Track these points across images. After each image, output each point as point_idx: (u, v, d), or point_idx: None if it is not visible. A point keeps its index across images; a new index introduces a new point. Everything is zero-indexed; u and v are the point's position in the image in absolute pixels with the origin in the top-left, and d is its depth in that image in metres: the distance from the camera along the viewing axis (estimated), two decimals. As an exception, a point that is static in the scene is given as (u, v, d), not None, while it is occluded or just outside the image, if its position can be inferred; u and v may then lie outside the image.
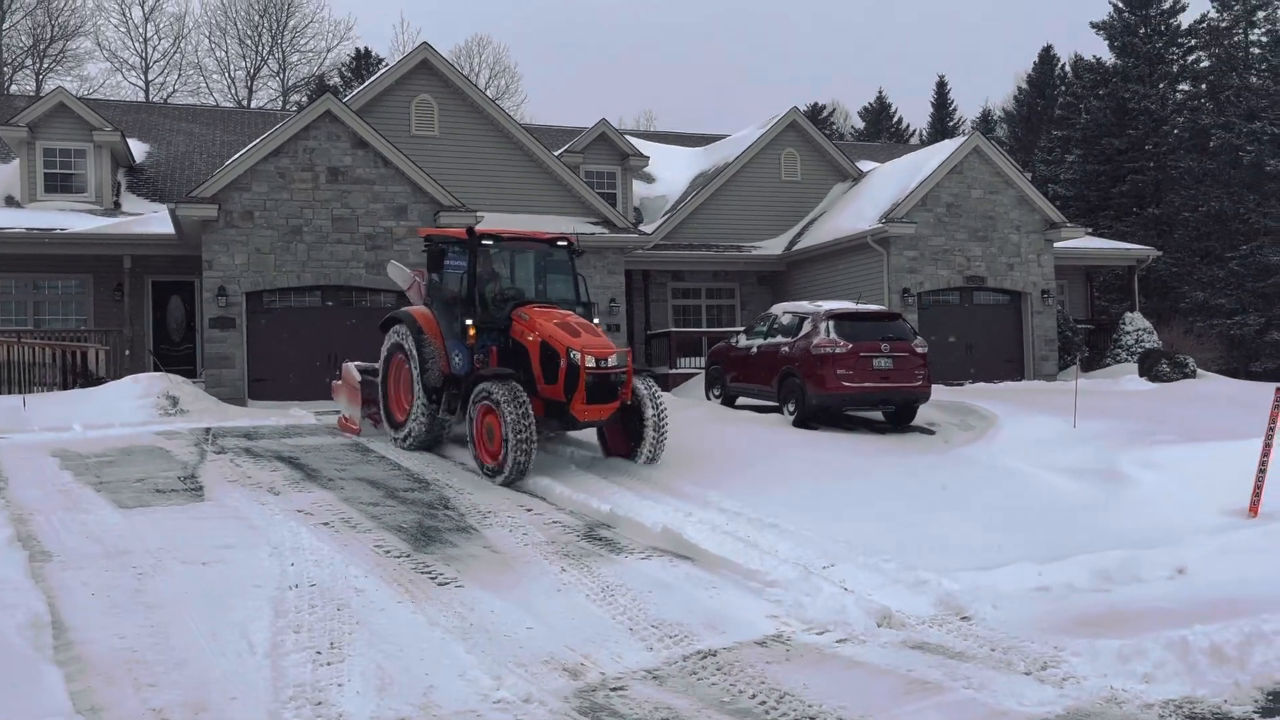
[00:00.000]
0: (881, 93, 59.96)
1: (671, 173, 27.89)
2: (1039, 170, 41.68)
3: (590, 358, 10.35)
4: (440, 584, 6.88)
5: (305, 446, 12.26)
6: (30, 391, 16.22)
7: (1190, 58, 41.65)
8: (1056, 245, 23.88)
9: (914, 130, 59.31)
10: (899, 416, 14.86)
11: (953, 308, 23.04)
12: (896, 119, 59.57)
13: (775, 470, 10.69)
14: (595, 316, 11.85)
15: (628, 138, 27.00)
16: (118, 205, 21.87)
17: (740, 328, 21.28)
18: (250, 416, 15.28)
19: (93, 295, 21.04)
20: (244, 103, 47.34)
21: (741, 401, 16.76)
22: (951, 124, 57.15)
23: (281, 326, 18.68)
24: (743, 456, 11.42)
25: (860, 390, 14.20)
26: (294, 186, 18.50)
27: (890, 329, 14.80)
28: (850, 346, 14.18)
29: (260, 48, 49.03)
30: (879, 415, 15.20)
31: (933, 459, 11.81)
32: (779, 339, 15.44)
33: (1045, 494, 9.68)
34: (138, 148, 24.34)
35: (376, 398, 12.99)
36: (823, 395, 14.21)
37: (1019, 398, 16.34)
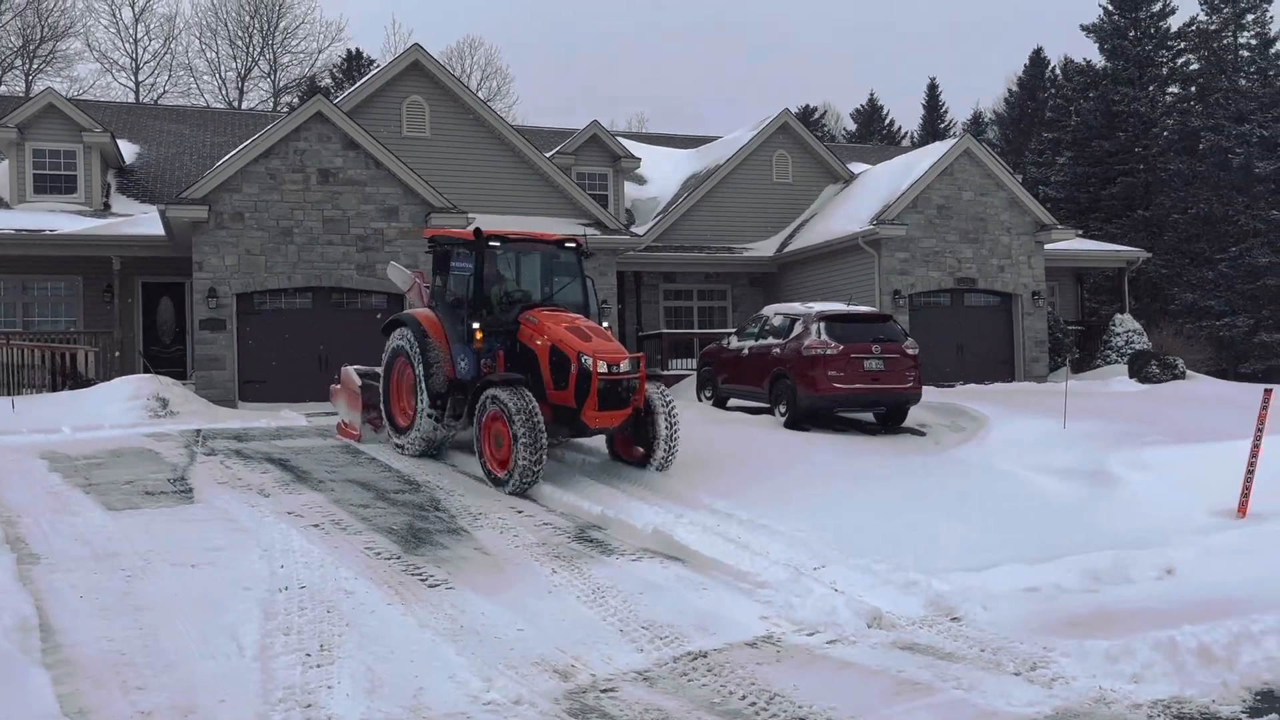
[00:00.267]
0: (873, 95, 60.12)
1: (663, 174, 27.93)
2: (1030, 172, 41.80)
3: (602, 363, 10.05)
4: (431, 586, 6.87)
5: (296, 448, 12.23)
6: (19, 393, 16.16)
7: (1180, 60, 41.83)
8: (1047, 247, 23.97)
9: (905, 132, 59.46)
10: (890, 418, 14.88)
11: (944, 309, 23.10)
12: (888, 121, 59.70)
13: (766, 472, 10.70)
14: (606, 320, 11.50)
15: (619, 139, 27.04)
16: (107, 206, 21.80)
17: (732, 329, 21.29)
18: (241, 418, 15.24)
19: (82, 297, 20.96)
20: (235, 104, 47.25)
21: (733, 403, 16.77)
22: (943, 126, 57.30)
23: (272, 328, 18.63)
24: (733, 458, 11.42)
25: (851, 392, 14.22)
26: (285, 188, 18.46)
27: (881, 330, 14.82)
28: (841, 348, 14.20)
29: (251, 49, 48.99)
30: (870, 417, 15.22)
31: (923, 460, 11.84)
32: (770, 340, 15.45)
33: (1035, 495, 9.71)
34: (128, 149, 24.26)
35: (377, 402, 12.60)
36: (814, 397, 14.23)
37: (1009, 399, 16.38)
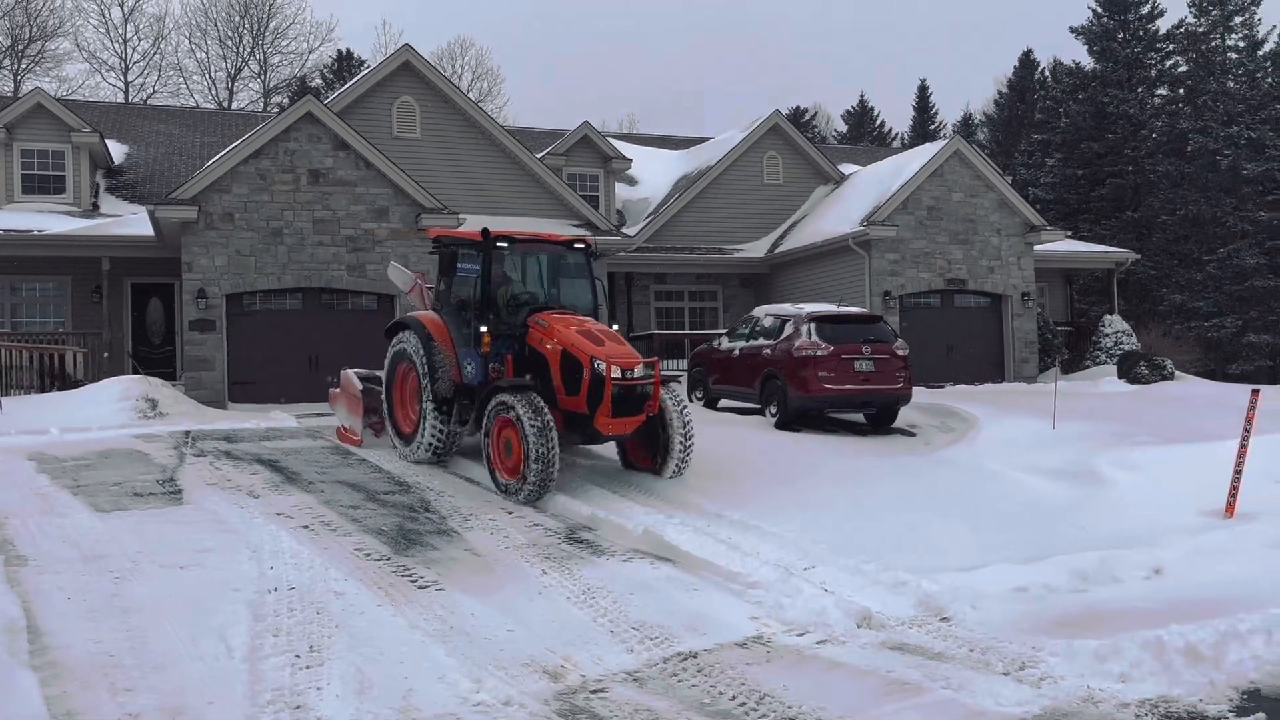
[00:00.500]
0: (863, 96, 60.31)
1: (654, 175, 27.93)
2: (1019, 174, 41.93)
3: (616, 368, 9.71)
4: (420, 587, 6.86)
5: (285, 450, 12.19)
6: (7, 394, 16.07)
7: (1168, 63, 42.01)
8: (1036, 248, 24.05)
9: (896, 134, 59.61)
10: (880, 419, 14.91)
11: (934, 310, 23.15)
12: (878, 122, 59.85)
13: (756, 472, 10.71)
14: (616, 323, 11.19)
15: (610, 140, 27.03)
16: (96, 207, 21.71)
17: (723, 330, 21.32)
18: (230, 419, 15.19)
19: (71, 297, 20.88)
20: (224, 104, 47.10)
21: (724, 404, 16.78)
22: (933, 127, 57.44)
23: (262, 329, 18.57)
24: (724, 459, 11.41)
25: (841, 392, 14.25)
26: (275, 188, 18.41)
27: (871, 331, 14.86)
28: (831, 349, 14.23)
29: (241, 49, 48.82)
30: (860, 417, 15.26)
31: (913, 461, 11.87)
32: (761, 341, 15.47)
33: (1025, 495, 9.74)
34: (117, 149, 24.17)
35: (378, 406, 12.26)
36: (804, 397, 14.25)
37: (999, 400, 16.44)
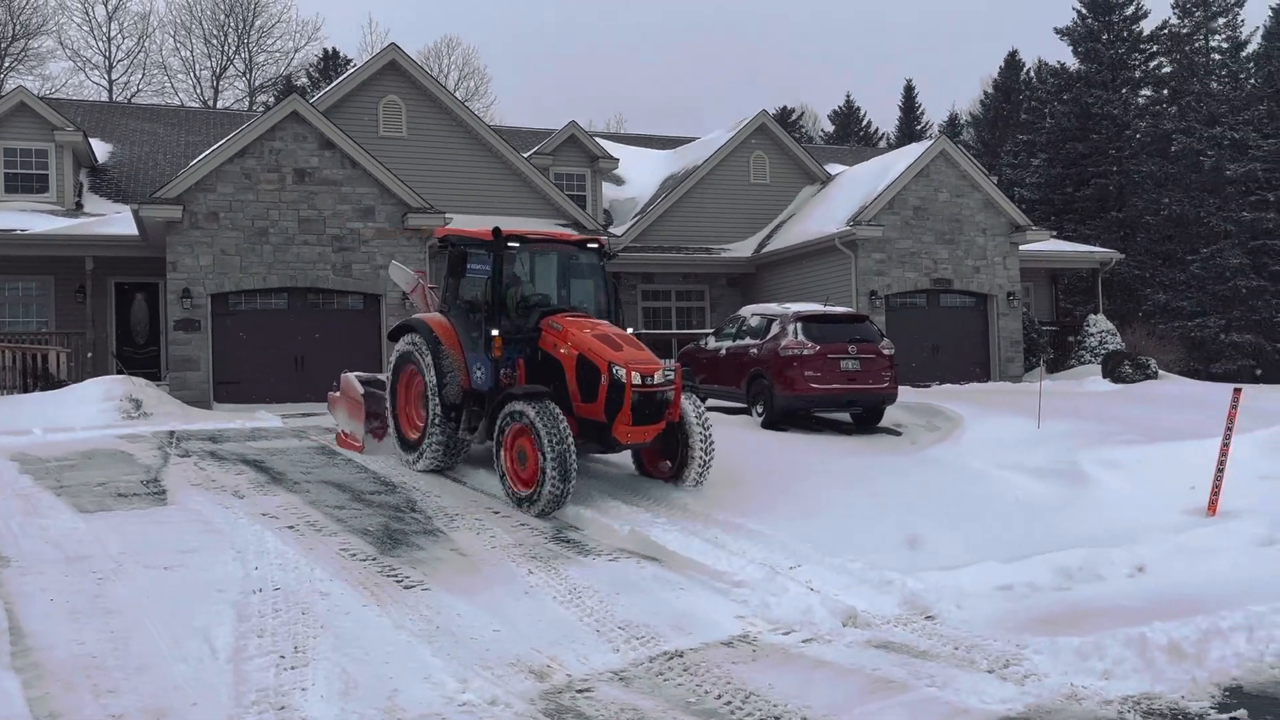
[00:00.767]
0: (850, 96, 60.39)
1: (641, 175, 27.94)
2: (1005, 174, 42.11)
3: (636, 374, 9.30)
4: (406, 587, 6.85)
5: (271, 450, 12.14)
6: (-11, 395, 15.96)
7: (1152, 63, 42.25)
8: (1022, 248, 24.14)
9: (882, 134, 59.75)
10: (866, 418, 14.95)
11: (920, 310, 23.22)
12: (865, 122, 59.98)
13: (743, 472, 10.71)
14: (630, 327, 10.75)
15: (597, 140, 27.03)
16: (80, 206, 21.58)
17: (710, 329, 21.33)
18: (215, 420, 15.12)
19: (54, 297, 20.75)
20: (209, 103, 46.87)
21: (710, 403, 16.62)
22: (919, 128, 57.60)
23: (247, 329, 18.49)
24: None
25: (828, 392, 14.29)
26: (260, 187, 18.34)
27: (858, 331, 14.91)
28: (818, 348, 14.26)
29: (226, 47, 48.60)
30: (846, 417, 15.30)
31: (899, 460, 11.91)
32: (747, 341, 15.50)
33: (1009, 494, 9.78)
34: (100, 148, 24.04)
35: (381, 411, 11.87)
36: (791, 397, 14.28)
37: (985, 399, 16.51)
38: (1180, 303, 36.80)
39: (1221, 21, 41.29)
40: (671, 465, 10.22)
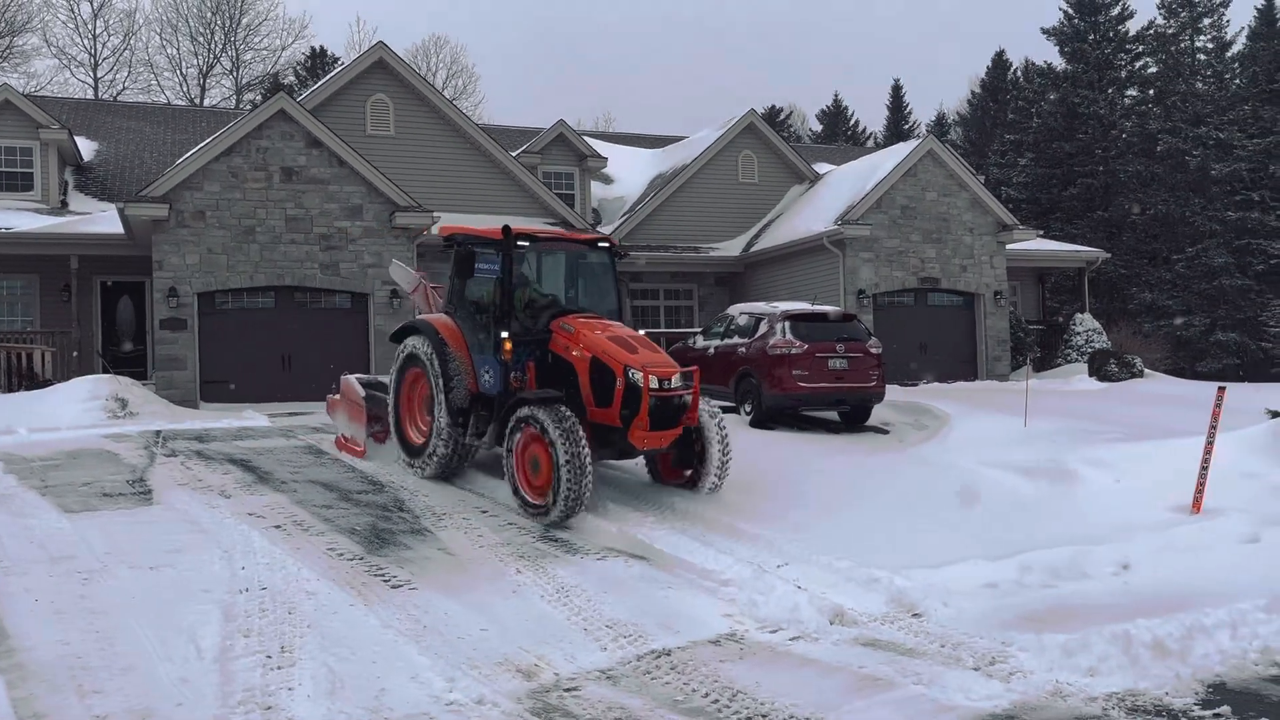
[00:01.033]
0: (838, 96, 60.51)
1: (630, 174, 27.93)
2: (992, 173, 42.26)
3: (654, 378, 9.01)
4: (394, 586, 6.84)
5: (258, 449, 12.10)
6: (-27, 394, 15.86)
7: (1138, 64, 42.48)
8: (1009, 247, 24.24)
9: (870, 133, 59.86)
10: (854, 416, 14.98)
11: (907, 309, 23.28)
12: (853, 122, 60.10)
13: (729, 470, 10.71)
14: (641, 329, 10.42)
15: (586, 139, 27.02)
16: (65, 204, 21.46)
17: (698, 329, 21.34)
18: (202, 419, 15.06)
19: (39, 296, 20.63)
20: (196, 101, 46.65)
21: (699, 402, 16.78)
22: (907, 127, 57.74)
23: (234, 328, 18.42)
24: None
25: (816, 390, 14.31)
26: (247, 186, 18.27)
27: (845, 330, 14.93)
28: (806, 347, 14.29)
29: (213, 45, 48.38)
30: (834, 415, 15.32)
31: (887, 458, 11.93)
32: (736, 340, 15.52)
33: (996, 492, 9.80)
34: (86, 146, 23.90)
35: (382, 414, 11.48)
36: (779, 395, 14.30)
37: (972, 397, 16.57)
38: (1166, 302, 37.00)
39: (1207, 22, 41.58)
40: (687, 471, 9.90)
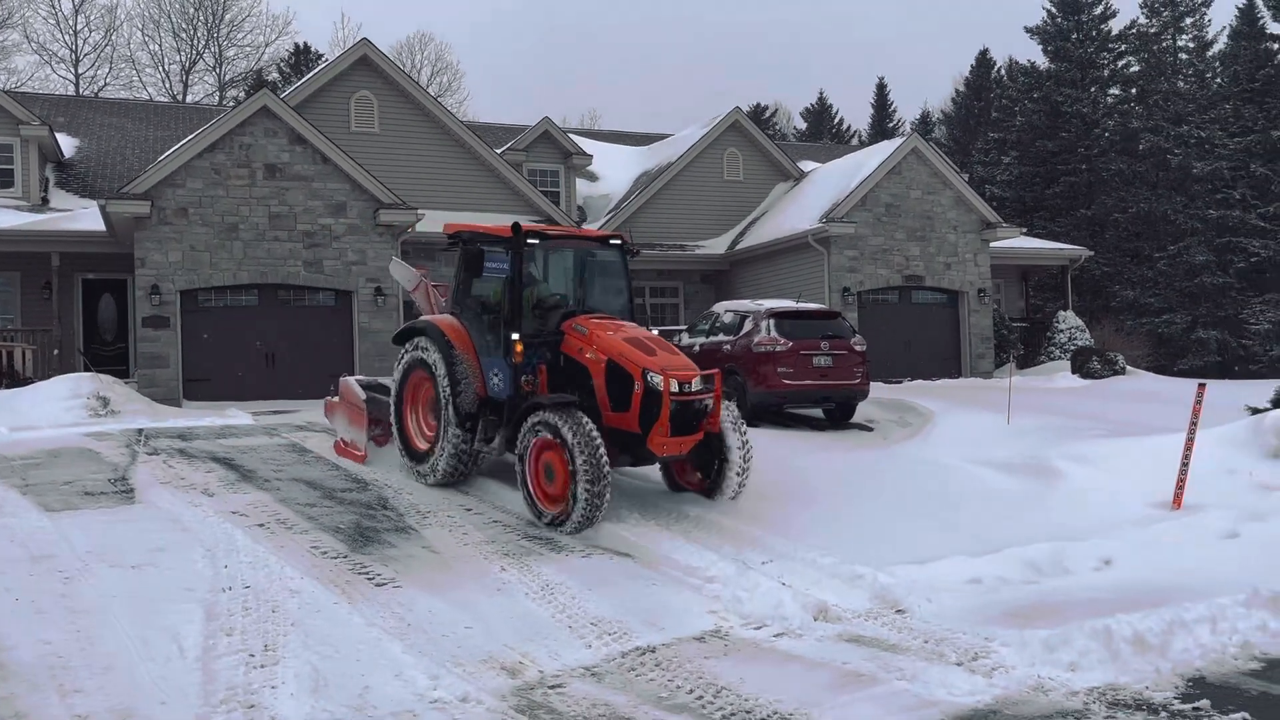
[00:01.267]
0: (823, 94, 60.61)
1: (615, 171, 27.92)
2: (976, 171, 42.41)
3: (674, 381, 8.63)
4: (378, 585, 6.82)
5: (241, 447, 12.04)
6: (-47, 393, 15.72)
7: (1120, 63, 42.71)
8: (993, 245, 24.35)
9: (855, 131, 59.99)
10: (838, 414, 15.02)
11: (892, 306, 23.37)
12: (838, 120, 60.22)
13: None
14: (653, 328, 10.16)
15: (571, 136, 26.99)
16: (46, 201, 21.31)
17: (683, 326, 21.35)
18: (185, 417, 14.97)
19: (19, 293, 20.46)
20: (179, 98, 46.35)
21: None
22: (891, 125, 57.90)
23: (217, 326, 18.32)
24: (684, 454, 11.42)
25: (800, 388, 14.35)
26: (230, 183, 18.17)
27: (830, 327, 14.98)
28: (791, 344, 14.32)
29: (195, 41, 48.07)
30: (819, 413, 15.36)
31: (871, 455, 11.98)
32: (721, 337, 15.53)
33: (979, 488, 9.86)
34: (67, 142, 23.72)
35: (383, 417, 11.07)
36: (763, 393, 14.33)
37: (955, 395, 16.66)
38: (1148, 299, 37.25)
39: (1189, 21, 41.81)
40: (704, 478, 9.48)
